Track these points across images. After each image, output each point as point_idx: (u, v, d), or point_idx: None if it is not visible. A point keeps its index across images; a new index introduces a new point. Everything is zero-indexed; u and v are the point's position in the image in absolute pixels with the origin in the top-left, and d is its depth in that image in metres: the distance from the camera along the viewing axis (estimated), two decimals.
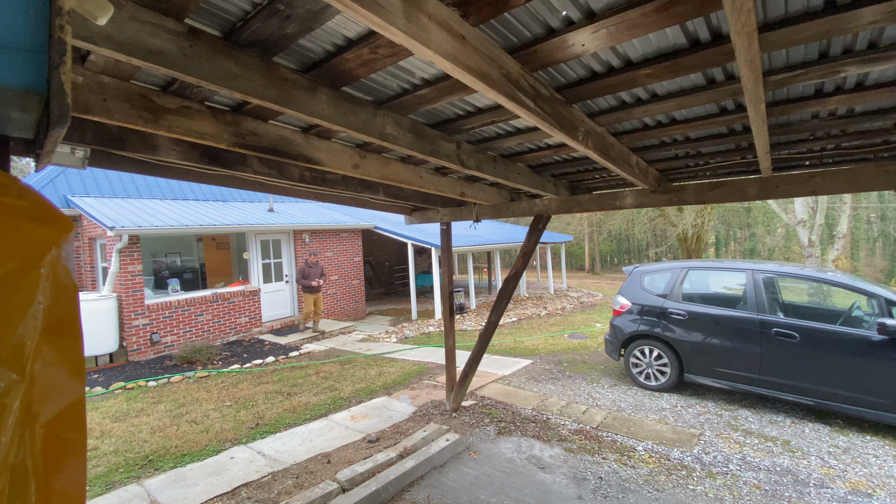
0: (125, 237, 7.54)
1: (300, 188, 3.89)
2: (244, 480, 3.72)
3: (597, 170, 3.79)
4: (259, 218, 10.11)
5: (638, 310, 5.96)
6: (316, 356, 7.84)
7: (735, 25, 1.13)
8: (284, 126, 2.39)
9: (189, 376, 6.85)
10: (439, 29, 1.18)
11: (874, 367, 4.30)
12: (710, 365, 5.27)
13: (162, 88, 1.86)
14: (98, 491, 3.63)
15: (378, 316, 11.98)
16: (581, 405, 5.30)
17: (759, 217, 24.74)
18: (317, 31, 1.47)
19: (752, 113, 1.85)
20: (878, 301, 4.56)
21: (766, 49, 1.49)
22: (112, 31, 1.18)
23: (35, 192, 0.45)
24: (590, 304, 13.38)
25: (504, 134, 2.75)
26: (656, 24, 1.33)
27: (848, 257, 21.24)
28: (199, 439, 4.55)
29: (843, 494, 3.44)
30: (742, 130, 2.72)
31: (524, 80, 1.62)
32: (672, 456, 4.05)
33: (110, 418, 5.22)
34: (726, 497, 3.42)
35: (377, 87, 1.95)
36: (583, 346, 8.21)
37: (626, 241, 29.56)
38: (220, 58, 1.42)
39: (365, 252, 14.00)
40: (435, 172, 3.56)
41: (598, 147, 2.35)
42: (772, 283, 5.33)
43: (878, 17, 1.27)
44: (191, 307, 8.58)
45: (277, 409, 5.35)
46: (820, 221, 11.61)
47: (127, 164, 2.87)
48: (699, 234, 20.31)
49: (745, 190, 3.31)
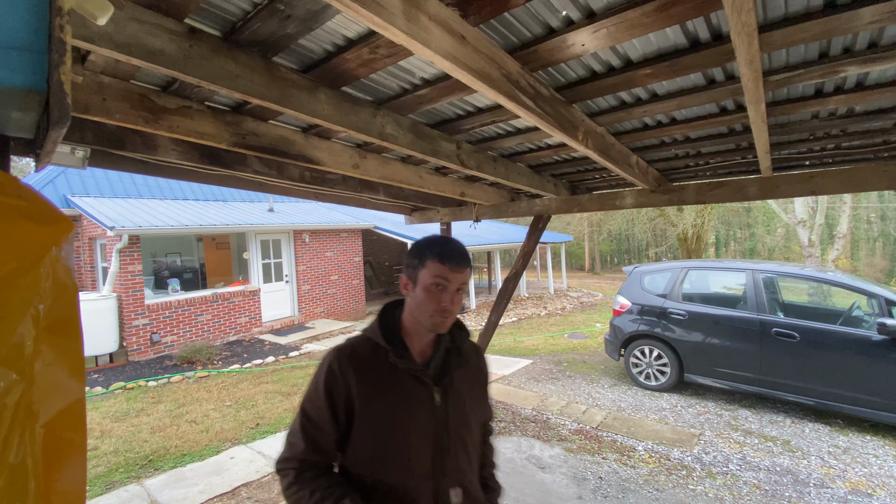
0: (125, 237, 7.54)
1: (300, 188, 3.89)
2: (244, 480, 3.72)
3: (597, 170, 3.79)
4: (259, 218, 10.10)
5: (638, 310, 5.96)
6: (316, 356, 7.84)
7: (735, 25, 1.13)
8: (284, 126, 2.39)
9: (189, 376, 6.85)
10: (439, 29, 1.18)
11: (874, 367, 4.30)
12: (710, 365, 5.27)
13: (162, 88, 1.85)
14: (98, 491, 3.63)
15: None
16: (581, 405, 5.30)
17: (759, 217, 24.75)
18: (317, 31, 1.47)
19: (752, 113, 1.85)
20: (878, 301, 4.57)
21: (766, 49, 1.49)
22: (112, 31, 1.18)
23: (35, 192, 0.45)
24: (590, 304, 13.38)
25: (504, 134, 2.75)
26: (656, 24, 1.33)
27: (848, 257, 21.24)
28: (199, 439, 4.55)
29: (843, 494, 3.44)
30: (742, 130, 2.71)
31: (524, 80, 1.62)
32: (672, 456, 4.05)
33: (110, 418, 5.22)
34: (726, 497, 3.42)
35: (377, 87, 1.95)
36: (583, 346, 8.21)
37: (626, 241, 29.56)
38: (220, 58, 1.42)
39: (365, 252, 14.00)
40: (435, 172, 3.56)
41: (598, 147, 2.35)
42: (772, 283, 5.33)
43: (878, 17, 1.27)
44: (191, 307, 8.58)
45: (277, 409, 5.35)
46: (820, 221, 11.61)
47: (127, 164, 2.87)
48: (699, 234, 20.32)
49: (745, 190, 3.31)
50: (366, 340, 1.21)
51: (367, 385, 1.14)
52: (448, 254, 1.13)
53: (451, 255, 1.13)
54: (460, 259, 1.14)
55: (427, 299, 1.13)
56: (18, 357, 0.39)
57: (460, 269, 1.13)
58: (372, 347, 1.19)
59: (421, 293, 1.14)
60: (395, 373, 1.15)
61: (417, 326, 1.19)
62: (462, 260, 1.14)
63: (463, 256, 1.15)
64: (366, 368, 1.15)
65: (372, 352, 1.18)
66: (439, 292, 1.12)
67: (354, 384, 1.12)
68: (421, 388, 1.16)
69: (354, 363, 1.16)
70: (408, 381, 1.16)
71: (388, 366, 1.15)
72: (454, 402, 1.21)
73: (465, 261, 1.15)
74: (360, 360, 1.17)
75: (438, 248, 1.13)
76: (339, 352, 1.18)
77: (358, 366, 1.15)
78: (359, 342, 1.21)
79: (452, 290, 1.13)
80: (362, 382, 1.13)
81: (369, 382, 1.14)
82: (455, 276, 1.12)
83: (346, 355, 1.17)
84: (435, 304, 1.12)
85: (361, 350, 1.19)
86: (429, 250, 1.14)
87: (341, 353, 1.17)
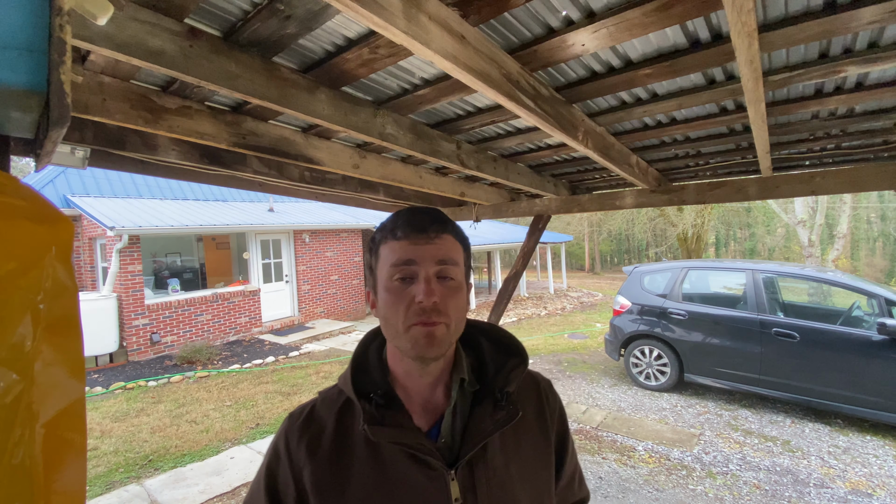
0: (125, 237, 7.54)
1: (300, 188, 3.89)
2: (244, 480, 3.72)
3: (597, 170, 3.79)
4: (259, 218, 10.10)
5: (638, 310, 5.96)
6: (316, 356, 7.84)
7: (735, 26, 1.13)
8: (284, 126, 2.39)
9: (189, 376, 6.85)
10: (439, 29, 1.18)
11: (874, 367, 4.30)
12: (711, 365, 5.27)
13: (162, 88, 1.85)
14: (98, 491, 3.63)
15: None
16: (581, 405, 5.29)
17: (759, 217, 24.75)
18: (317, 31, 1.47)
19: (752, 113, 1.85)
20: (878, 301, 4.57)
21: (766, 49, 1.49)
22: (112, 31, 1.18)
23: (35, 192, 0.45)
24: (590, 304, 13.38)
25: (504, 134, 2.75)
26: (656, 24, 1.33)
27: (848, 257, 21.24)
28: (199, 439, 4.55)
29: (843, 494, 3.44)
30: (742, 130, 2.72)
31: (524, 80, 1.62)
32: (672, 456, 4.05)
33: (110, 418, 5.22)
34: (726, 497, 3.42)
35: (377, 87, 1.95)
36: (583, 346, 8.21)
37: (626, 241, 29.56)
38: (220, 58, 1.42)
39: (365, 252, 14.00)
40: (435, 172, 3.56)
41: (598, 147, 2.35)
42: (772, 283, 5.33)
43: (878, 17, 1.27)
44: (191, 307, 8.58)
45: (277, 409, 5.35)
46: (820, 221, 11.61)
47: (127, 164, 2.87)
48: (699, 233, 20.33)
49: (745, 190, 3.31)
50: (335, 397, 0.76)
51: (327, 477, 0.68)
52: (404, 222, 0.70)
53: (409, 222, 0.70)
54: (423, 223, 0.70)
55: (390, 304, 0.69)
56: (18, 357, 0.39)
57: (426, 236, 0.69)
58: (341, 409, 0.74)
59: (382, 299, 0.70)
60: (379, 452, 0.69)
61: (405, 362, 0.73)
62: (427, 224, 0.70)
63: (429, 218, 0.71)
64: (327, 447, 0.70)
65: (341, 417, 0.73)
66: (404, 286, 0.68)
67: (308, 476, 0.69)
68: (423, 478, 0.67)
69: (309, 439, 0.71)
70: (400, 466, 0.68)
71: (367, 439, 0.69)
72: (491, 495, 0.69)
73: (436, 224, 0.70)
74: (318, 431, 0.72)
75: (390, 223, 0.72)
76: (290, 420, 0.75)
77: (314, 443, 0.71)
78: (324, 401, 0.77)
79: (428, 275, 0.67)
80: (318, 472, 0.69)
81: (332, 472, 0.68)
82: (422, 251, 0.68)
83: (298, 425, 0.74)
84: (403, 307, 0.67)
85: (323, 415, 0.74)
86: (380, 231, 0.73)
87: (292, 421, 0.75)
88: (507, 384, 0.74)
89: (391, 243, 0.70)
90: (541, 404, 0.81)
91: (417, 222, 0.70)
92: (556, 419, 0.82)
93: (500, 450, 0.72)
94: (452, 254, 0.71)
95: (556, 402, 0.84)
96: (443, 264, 0.69)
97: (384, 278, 0.70)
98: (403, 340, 0.68)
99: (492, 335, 0.82)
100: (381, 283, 0.71)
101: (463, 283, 0.73)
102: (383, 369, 0.76)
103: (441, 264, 0.69)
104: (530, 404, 0.80)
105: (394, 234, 0.70)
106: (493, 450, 0.71)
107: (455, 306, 0.69)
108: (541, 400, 0.82)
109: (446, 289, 0.69)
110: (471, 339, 0.82)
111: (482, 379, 0.77)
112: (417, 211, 0.72)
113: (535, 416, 0.79)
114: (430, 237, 0.69)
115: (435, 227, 0.70)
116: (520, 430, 0.75)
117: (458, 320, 0.70)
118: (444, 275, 0.69)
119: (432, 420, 0.73)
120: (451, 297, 0.69)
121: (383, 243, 0.71)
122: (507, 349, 0.80)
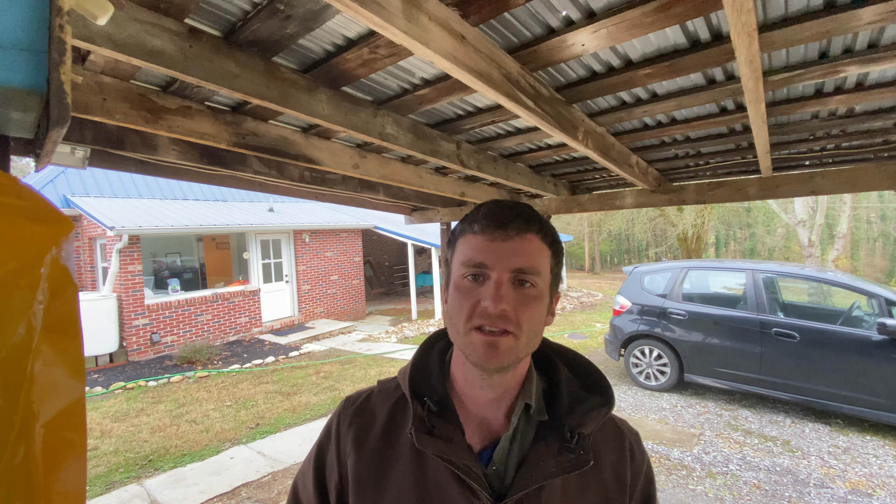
0: (125, 237, 7.55)
1: (300, 188, 3.89)
2: (244, 480, 3.72)
3: (597, 170, 3.79)
4: (259, 218, 10.10)
5: (638, 310, 5.96)
6: (316, 356, 7.84)
7: (735, 25, 1.13)
8: (284, 126, 2.39)
9: (189, 376, 6.85)
10: (439, 29, 1.18)
11: (874, 367, 4.30)
12: (711, 365, 5.27)
13: (162, 88, 1.85)
14: (98, 491, 3.63)
15: (378, 316, 11.98)
16: None
17: (759, 217, 24.75)
18: (317, 31, 1.47)
19: (752, 113, 1.85)
20: (878, 301, 4.57)
21: (766, 49, 1.49)
22: (112, 31, 1.18)
23: (35, 192, 0.45)
24: (590, 304, 13.38)
25: (504, 134, 2.75)
26: (656, 24, 1.33)
27: (848, 257, 21.23)
28: (199, 439, 4.55)
29: (843, 494, 3.44)
30: (742, 130, 2.72)
31: (524, 80, 1.62)
32: (672, 456, 4.05)
33: (110, 418, 5.22)
34: (726, 497, 3.42)
35: (377, 87, 1.95)
36: (583, 346, 8.21)
37: (626, 241, 29.56)
38: (220, 58, 1.42)
39: (365, 252, 14.00)
40: (435, 172, 3.56)
41: (598, 147, 2.35)
42: (772, 283, 5.33)
43: (878, 17, 1.27)
44: (191, 307, 8.58)
45: (277, 409, 5.35)
46: (820, 221, 11.62)
47: (127, 164, 2.87)
48: (699, 234, 20.33)
49: (745, 190, 3.31)
50: (392, 390, 0.74)
51: (368, 472, 0.66)
52: (483, 215, 0.64)
53: (489, 214, 0.64)
54: (504, 218, 0.63)
55: (456, 302, 0.64)
56: (18, 357, 0.39)
57: (505, 233, 0.62)
58: (395, 404, 0.71)
59: (451, 296, 0.66)
60: (424, 459, 0.64)
61: (467, 368, 0.66)
62: (507, 219, 0.63)
63: (511, 213, 0.64)
64: (373, 441, 0.68)
65: (393, 412, 0.70)
66: (475, 284, 0.62)
67: (351, 465, 0.67)
68: (465, 503, 0.61)
69: (358, 428, 0.70)
70: (443, 481, 0.62)
71: (411, 443, 0.65)
72: None
73: (518, 220, 0.63)
74: (368, 422, 0.70)
75: (471, 214, 0.67)
76: (345, 403, 0.74)
77: (362, 434, 0.69)
78: (380, 392, 0.74)
79: (500, 278, 0.61)
80: (360, 465, 0.66)
81: (373, 469, 0.66)
82: (499, 249, 0.61)
83: (351, 411, 0.73)
84: (468, 306, 0.62)
85: (377, 407, 0.72)
86: (462, 222, 0.68)
87: (347, 405, 0.74)
88: (581, 425, 0.65)
89: (468, 237, 0.65)
90: (622, 460, 0.69)
91: (498, 216, 0.63)
92: (642, 482, 0.70)
93: (561, 498, 0.62)
94: (535, 257, 0.63)
95: (644, 462, 0.71)
96: (520, 267, 0.61)
97: (457, 275, 0.65)
98: (463, 344, 0.63)
99: (574, 363, 0.74)
100: (453, 278, 0.66)
101: (545, 291, 0.65)
102: (443, 373, 0.71)
103: (517, 267, 0.61)
104: (608, 456, 0.68)
105: (472, 228, 0.65)
106: (552, 496, 0.62)
107: (529, 317, 0.61)
108: (623, 454, 0.69)
109: (521, 296, 0.62)
110: (547, 361, 0.74)
111: (552, 409, 0.68)
112: (501, 204, 0.65)
113: (612, 470, 0.67)
114: (510, 234, 0.62)
115: (517, 223, 0.62)
116: (589, 481, 0.65)
117: (532, 333, 0.63)
118: (522, 279, 0.62)
119: (486, 441, 0.66)
120: (526, 306, 0.61)
121: (461, 236, 0.66)
122: (590, 384, 0.71)
